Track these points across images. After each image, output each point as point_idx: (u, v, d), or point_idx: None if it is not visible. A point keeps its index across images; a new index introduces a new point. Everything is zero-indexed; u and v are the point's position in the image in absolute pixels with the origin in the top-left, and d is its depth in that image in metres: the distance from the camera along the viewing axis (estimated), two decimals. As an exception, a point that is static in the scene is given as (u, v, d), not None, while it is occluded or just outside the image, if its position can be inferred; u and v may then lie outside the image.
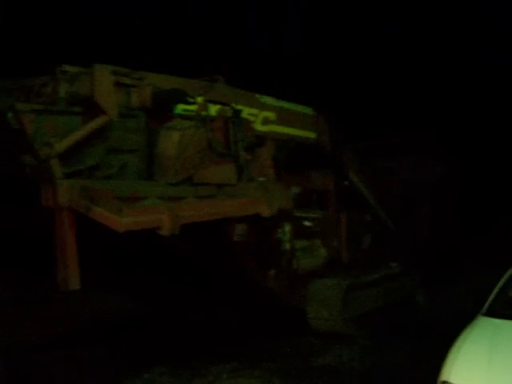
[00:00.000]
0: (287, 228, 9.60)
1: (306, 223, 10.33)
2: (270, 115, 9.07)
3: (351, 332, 9.58)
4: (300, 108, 9.94)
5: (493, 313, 5.84)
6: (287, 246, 9.68)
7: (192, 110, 7.59)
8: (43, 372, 7.62)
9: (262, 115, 8.88)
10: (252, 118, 8.62)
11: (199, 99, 7.64)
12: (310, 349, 9.07)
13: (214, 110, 7.90)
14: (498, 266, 6.66)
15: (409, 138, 13.63)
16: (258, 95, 8.98)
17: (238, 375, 7.81)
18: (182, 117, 7.46)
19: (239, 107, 8.23)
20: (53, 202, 5.97)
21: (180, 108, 7.48)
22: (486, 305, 6.02)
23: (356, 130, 12.85)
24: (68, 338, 8.96)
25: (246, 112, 8.48)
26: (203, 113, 7.67)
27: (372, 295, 10.39)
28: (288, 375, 7.84)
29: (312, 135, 10.06)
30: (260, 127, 8.83)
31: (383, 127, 14.72)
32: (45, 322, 9.46)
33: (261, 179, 8.44)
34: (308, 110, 10.12)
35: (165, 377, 7.64)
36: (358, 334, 9.60)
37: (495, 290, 6.21)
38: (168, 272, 10.94)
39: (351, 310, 9.65)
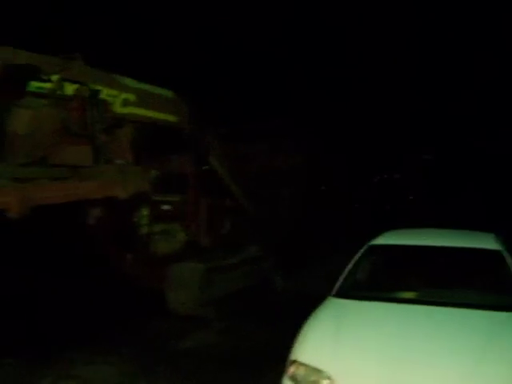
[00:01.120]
0: (145, 212, 9.53)
1: (165, 207, 10.29)
2: (130, 97, 8.88)
3: (210, 315, 9.68)
4: (161, 91, 9.82)
5: (341, 293, 6.09)
6: (145, 230, 9.61)
7: (46, 89, 7.28)
8: None
9: (121, 97, 8.66)
10: (111, 100, 8.40)
11: (55, 77, 7.32)
12: (169, 333, 9.06)
13: (70, 89, 7.59)
14: (354, 249, 6.93)
15: (269, 124, 13.87)
16: (117, 76, 8.77)
17: (94, 362, 7.68)
18: (36, 95, 7.13)
19: (97, 87, 7.99)
20: None
21: (33, 85, 7.14)
22: (336, 286, 6.27)
23: (217, 115, 12.89)
24: None
25: (105, 93, 8.24)
26: (59, 92, 7.38)
27: (231, 278, 10.54)
28: (146, 360, 7.81)
29: (172, 119, 9.98)
30: (119, 109, 8.62)
31: (245, 113, 14.89)
32: None
33: (118, 162, 8.27)
34: (169, 94, 10.02)
35: (14, 367, 7.34)
36: (217, 316, 9.71)
37: (344, 272, 6.48)
38: (20, 257, 10.51)
39: (210, 293, 9.74)
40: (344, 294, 6.10)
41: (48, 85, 7.29)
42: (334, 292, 6.19)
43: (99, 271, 9.84)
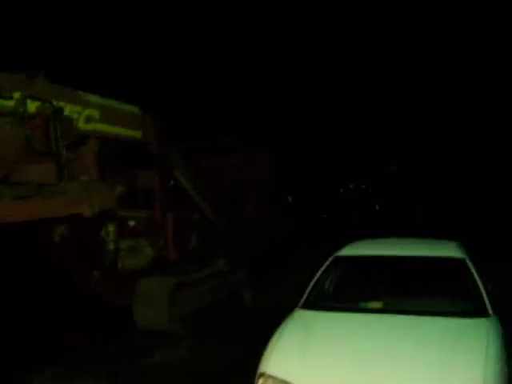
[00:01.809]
0: (111, 228, 9.47)
1: (131, 223, 10.24)
2: (94, 113, 8.85)
3: (179, 330, 9.64)
4: (126, 107, 9.81)
5: (308, 305, 6.15)
6: (111, 246, 9.55)
7: (8, 106, 7.24)
8: None
9: (84, 113, 8.64)
10: (74, 116, 8.37)
11: (16, 94, 7.29)
12: (138, 349, 9.01)
13: (33, 106, 7.56)
14: (323, 260, 7.00)
15: (236, 139, 13.93)
16: (81, 92, 8.75)
17: (64, 379, 7.61)
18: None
19: (61, 104, 7.96)
20: None
21: (-3, 103, 7.12)
22: (303, 297, 6.32)
23: (182, 130, 12.93)
24: None
25: (68, 109, 8.21)
26: (21, 109, 7.33)
27: (199, 293, 10.51)
28: (116, 377, 7.76)
29: (138, 134, 9.97)
30: (83, 125, 8.59)
31: (211, 128, 14.95)
32: None
33: (83, 178, 8.23)
34: (134, 109, 10.02)
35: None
36: (185, 332, 9.67)
37: (311, 284, 6.53)
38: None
39: (178, 308, 9.70)
40: (311, 305, 6.15)
41: (10, 102, 7.24)
42: (300, 304, 6.23)
43: (66, 289, 9.74)
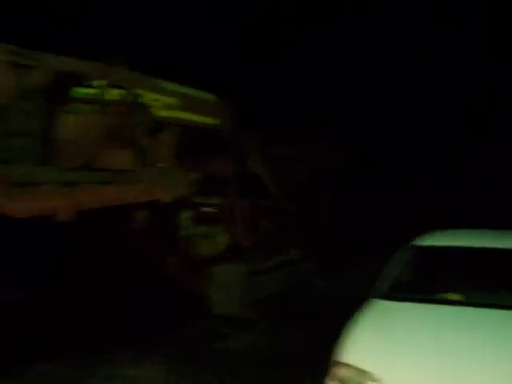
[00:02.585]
0: (187, 214, 9.59)
1: (206, 209, 10.36)
2: (172, 101, 8.99)
3: (252, 316, 9.71)
4: (202, 94, 9.92)
5: (383, 295, 6.05)
6: (187, 233, 9.68)
7: (91, 94, 7.43)
8: None
9: (162, 100, 8.79)
10: (153, 103, 8.52)
11: (99, 83, 7.48)
12: (212, 334, 9.11)
13: (114, 94, 7.75)
14: (393, 250, 6.91)
15: (309, 127, 13.85)
16: (159, 80, 8.89)
17: (140, 362, 7.74)
18: (81, 100, 7.31)
19: (140, 92, 8.12)
20: None
21: (79, 91, 7.31)
22: (378, 287, 6.24)
23: (258, 117, 12.94)
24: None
25: (147, 97, 8.37)
26: (103, 97, 7.53)
27: (271, 280, 10.56)
28: (190, 360, 7.85)
29: (213, 121, 10.07)
30: (161, 112, 8.74)
31: (285, 116, 14.89)
32: None
33: (160, 165, 8.38)
34: (210, 97, 10.12)
35: (62, 367, 7.44)
36: (258, 318, 9.73)
37: (386, 273, 6.45)
38: (64, 261, 10.68)
39: (251, 294, 9.78)
40: (386, 295, 6.04)
41: (92, 90, 7.44)
42: (375, 293, 6.15)
43: (143, 274, 9.94)
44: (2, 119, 6.29)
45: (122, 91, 7.87)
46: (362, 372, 4.67)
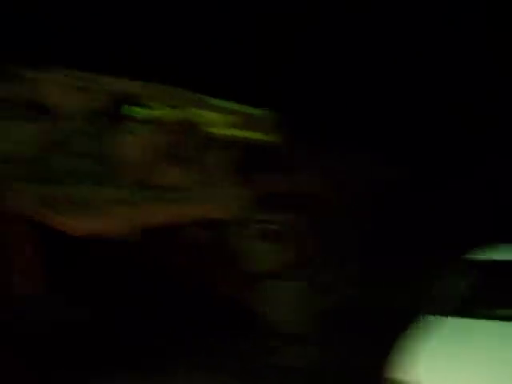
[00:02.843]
0: (246, 231, 9.63)
1: (265, 226, 10.37)
2: (226, 118, 9.08)
3: (307, 332, 9.66)
4: (256, 111, 9.98)
5: (437, 310, 5.91)
6: (246, 249, 9.71)
7: (147, 114, 7.57)
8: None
9: (217, 118, 8.89)
10: (208, 122, 8.63)
11: (156, 103, 7.62)
12: (269, 349, 9.09)
13: (170, 114, 7.88)
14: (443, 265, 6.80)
15: (363, 138, 13.77)
16: (213, 98, 8.99)
17: (194, 375, 7.75)
18: (139, 121, 7.45)
19: (195, 111, 8.23)
20: (7, 210, 5.90)
21: (135, 112, 7.46)
22: (431, 302, 6.12)
23: (312, 131, 12.93)
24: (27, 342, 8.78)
25: (204, 116, 8.49)
26: (159, 117, 7.66)
27: (327, 295, 10.49)
28: (247, 375, 7.84)
29: (269, 138, 10.12)
30: (217, 131, 8.84)
31: (339, 128, 14.81)
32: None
33: (220, 183, 8.46)
34: (264, 113, 10.17)
35: (118, 381, 7.59)
36: (313, 332, 9.68)
37: (438, 288, 6.32)
38: (125, 277, 10.84)
39: (307, 309, 9.73)
40: (440, 310, 5.93)
41: (148, 111, 7.57)
42: (428, 309, 6.02)
43: (201, 290, 10.01)
44: (66, 141, 6.46)
45: (178, 111, 7.98)
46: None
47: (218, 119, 8.98)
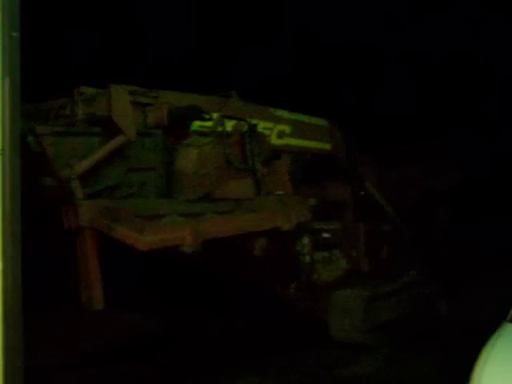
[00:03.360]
0: (306, 240, 9.59)
1: (325, 235, 10.30)
2: (285, 128, 9.11)
3: (374, 342, 9.53)
4: (314, 120, 9.97)
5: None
6: (307, 259, 9.67)
7: (208, 127, 7.65)
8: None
9: (276, 128, 8.93)
10: (267, 132, 8.68)
11: (215, 115, 7.70)
12: (333, 360, 9.01)
13: (229, 125, 7.94)
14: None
15: (424, 145, 13.58)
16: (271, 109, 9.03)
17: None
18: (199, 133, 7.53)
19: (254, 121, 8.28)
20: (74, 223, 6.00)
21: (196, 125, 7.54)
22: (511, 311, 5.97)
23: (370, 137, 12.82)
24: (93, 358, 8.94)
25: (261, 126, 8.53)
26: (219, 129, 7.74)
27: (393, 305, 10.33)
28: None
29: (327, 146, 10.10)
30: (275, 141, 8.88)
31: (398, 135, 14.65)
32: (69, 342, 9.45)
33: (278, 193, 8.46)
34: (322, 122, 10.15)
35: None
36: (380, 344, 9.55)
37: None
38: (188, 288, 10.94)
39: (373, 320, 9.60)
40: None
41: (209, 123, 7.64)
42: (509, 317, 5.88)
43: (263, 301, 10.02)
44: (126, 156, 6.57)
45: (238, 122, 8.03)
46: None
47: (279, 129, 9.02)
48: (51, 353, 8.80)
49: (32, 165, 6.13)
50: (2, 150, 4.17)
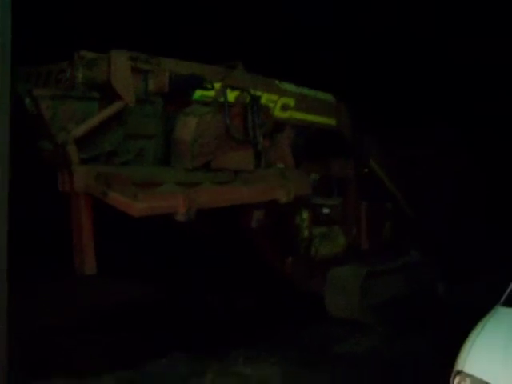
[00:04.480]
0: (305, 215, 9.58)
1: (325, 210, 10.27)
2: (289, 101, 9.00)
3: (370, 320, 9.52)
4: (320, 95, 9.85)
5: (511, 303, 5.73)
6: (305, 233, 9.66)
7: (210, 96, 7.57)
8: (65, 356, 7.63)
9: (280, 101, 8.82)
10: (271, 104, 8.57)
11: (217, 85, 7.60)
12: (328, 337, 9.01)
13: (232, 96, 7.85)
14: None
15: (435, 129, 13.48)
16: (277, 81, 8.92)
17: (255, 361, 7.75)
18: (200, 103, 7.45)
19: (258, 93, 8.17)
20: (69, 187, 5.98)
21: (198, 94, 7.46)
22: (505, 294, 5.91)
23: (378, 117, 12.71)
24: (84, 325, 8.96)
25: (265, 98, 8.42)
26: (221, 99, 7.65)
27: (391, 283, 10.31)
28: (306, 363, 7.78)
29: (332, 122, 9.98)
30: (279, 113, 8.78)
31: (408, 117, 14.52)
32: (62, 308, 9.48)
33: (279, 166, 8.41)
34: (328, 97, 10.03)
35: (182, 362, 7.59)
36: (376, 322, 9.54)
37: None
38: (184, 258, 10.96)
39: (370, 297, 9.59)
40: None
41: (211, 93, 7.56)
42: (502, 301, 5.83)
43: (260, 274, 10.02)
44: (124, 122, 6.53)
45: (241, 93, 7.94)
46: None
47: (283, 102, 8.92)
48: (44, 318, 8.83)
49: (30, 127, 6.16)
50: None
